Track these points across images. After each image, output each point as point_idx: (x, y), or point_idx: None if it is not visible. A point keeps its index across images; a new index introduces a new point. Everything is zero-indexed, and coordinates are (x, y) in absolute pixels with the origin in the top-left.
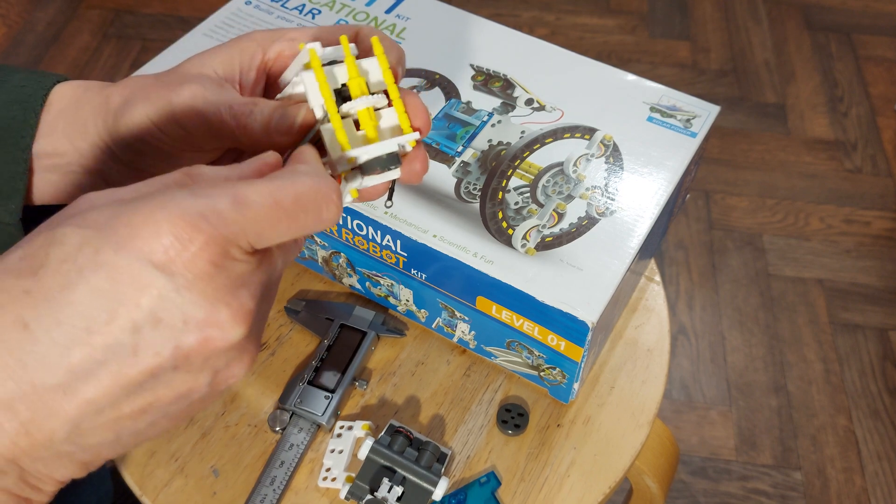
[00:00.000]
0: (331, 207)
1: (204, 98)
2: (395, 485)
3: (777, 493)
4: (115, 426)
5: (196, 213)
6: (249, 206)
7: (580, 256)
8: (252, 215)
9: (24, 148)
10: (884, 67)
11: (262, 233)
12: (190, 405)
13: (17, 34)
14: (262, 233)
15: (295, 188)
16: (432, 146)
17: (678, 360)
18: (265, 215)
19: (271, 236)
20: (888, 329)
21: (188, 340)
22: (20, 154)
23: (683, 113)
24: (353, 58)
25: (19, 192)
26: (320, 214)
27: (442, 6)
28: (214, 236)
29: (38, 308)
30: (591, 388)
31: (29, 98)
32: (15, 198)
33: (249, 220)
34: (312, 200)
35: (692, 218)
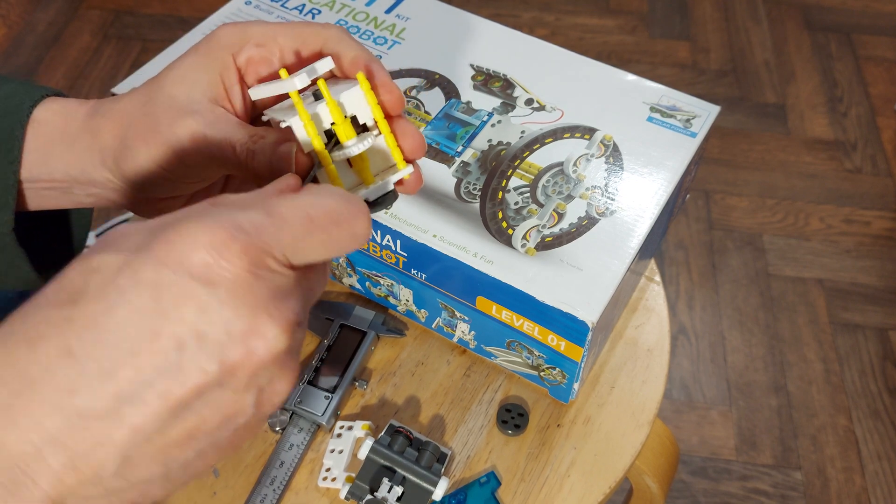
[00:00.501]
0: (362, 223)
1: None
2: (395, 485)
3: (777, 493)
4: (164, 456)
5: (231, 224)
6: (283, 219)
7: (580, 256)
8: (287, 227)
9: (12, 161)
10: (884, 67)
11: (298, 246)
12: (236, 431)
13: (18, 35)
14: (297, 246)
15: (325, 204)
16: (432, 146)
17: (678, 360)
18: (299, 228)
19: (306, 251)
20: (888, 329)
21: (232, 353)
22: (8, 167)
23: (683, 113)
24: (333, 101)
25: (9, 205)
26: (353, 229)
27: (442, 6)
28: (251, 245)
29: (82, 334)
30: (591, 388)
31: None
32: (5, 210)
33: (285, 232)
34: (344, 216)
35: (692, 218)
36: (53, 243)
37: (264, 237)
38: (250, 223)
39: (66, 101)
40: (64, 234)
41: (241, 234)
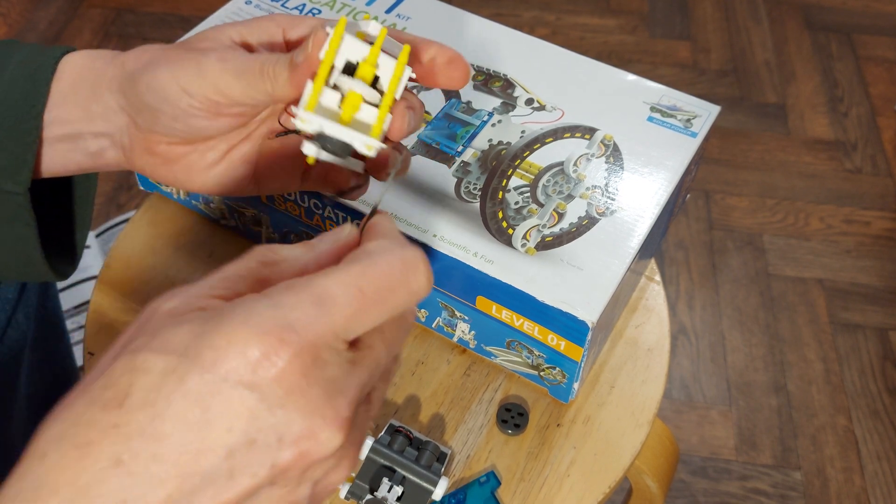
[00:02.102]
0: (419, 278)
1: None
2: (395, 484)
3: (777, 493)
4: None
5: (281, 326)
6: (335, 304)
7: (580, 256)
8: (338, 313)
9: (35, 116)
10: (884, 67)
11: (351, 326)
12: None
13: (19, 33)
14: (350, 326)
15: (377, 270)
16: (432, 146)
17: (678, 360)
18: (352, 309)
19: (362, 327)
20: (888, 329)
21: (284, 457)
22: (32, 123)
23: (684, 113)
24: (379, 49)
25: (28, 163)
26: (409, 287)
27: (442, 6)
28: (303, 346)
29: (131, 443)
30: (591, 387)
31: (39, 69)
32: (24, 169)
33: (337, 320)
34: (399, 278)
35: (692, 218)
36: (56, 233)
37: (317, 331)
38: (300, 319)
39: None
40: (68, 228)
41: (293, 337)
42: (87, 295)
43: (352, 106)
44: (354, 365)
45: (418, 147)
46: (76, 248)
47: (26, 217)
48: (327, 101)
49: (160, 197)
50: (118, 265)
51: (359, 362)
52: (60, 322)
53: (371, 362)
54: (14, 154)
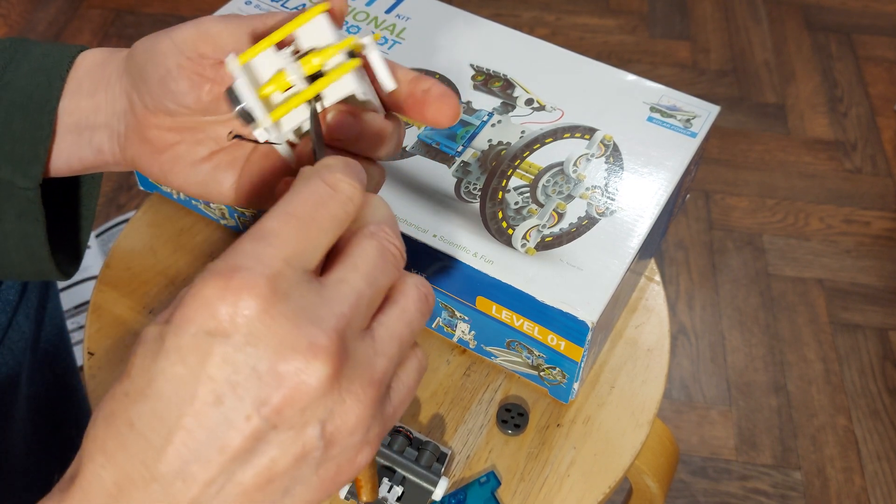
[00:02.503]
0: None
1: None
2: (395, 485)
3: (777, 493)
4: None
5: (228, 269)
6: (270, 233)
7: (580, 256)
8: (276, 240)
9: (49, 112)
10: (884, 67)
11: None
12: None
13: (18, 34)
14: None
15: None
16: (432, 146)
17: (678, 360)
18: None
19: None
20: (888, 329)
21: (269, 394)
22: (45, 118)
23: (683, 113)
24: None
25: (41, 158)
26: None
27: (442, 6)
28: (254, 281)
29: (137, 407)
30: (591, 387)
31: (54, 65)
32: (36, 164)
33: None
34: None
35: (692, 218)
36: (61, 233)
37: (263, 263)
38: (242, 258)
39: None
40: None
41: (240, 274)
42: (87, 295)
43: (275, 82)
44: (324, 296)
45: (418, 147)
46: (80, 247)
47: (36, 213)
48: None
49: (160, 197)
50: (118, 265)
51: (329, 293)
52: (61, 322)
53: (348, 293)
54: (27, 149)
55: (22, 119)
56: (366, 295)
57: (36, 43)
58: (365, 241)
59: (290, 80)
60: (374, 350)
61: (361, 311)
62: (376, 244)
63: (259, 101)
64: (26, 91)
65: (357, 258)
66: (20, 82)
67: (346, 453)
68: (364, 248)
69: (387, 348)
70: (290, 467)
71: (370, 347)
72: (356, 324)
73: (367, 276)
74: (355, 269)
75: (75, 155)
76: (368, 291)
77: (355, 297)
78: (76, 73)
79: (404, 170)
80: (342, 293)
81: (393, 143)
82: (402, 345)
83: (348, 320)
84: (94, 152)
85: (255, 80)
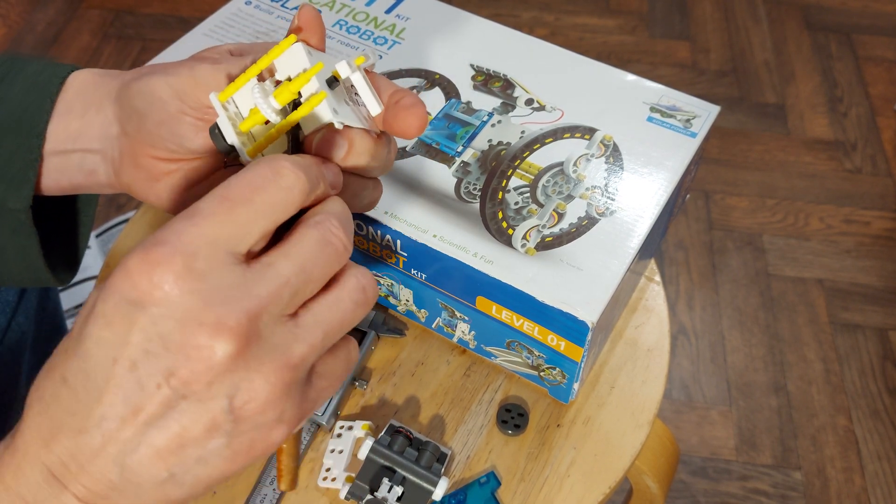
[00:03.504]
0: (285, 174)
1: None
2: (395, 485)
3: (777, 493)
4: (162, 463)
5: (152, 242)
6: (200, 213)
7: (580, 256)
8: (205, 221)
9: (37, 135)
10: (884, 67)
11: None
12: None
13: (17, 35)
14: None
15: (241, 177)
16: (432, 146)
17: (678, 360)
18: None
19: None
20: (888, 329)
21: (176, 365)
22: (34, 141)
23: (683, 113)
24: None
25: (30, 181)
26: (278, 183)
27: (442, 6)
28: (172, 258)
29: (70, 363)
30: (591, 388)
31: (45, 86)
32: (26, 186)
33: (207, 225)
34: (264, 176)
35: (692, 218)
36: (58, 240)
37: (186, 241)
38: (171, 232)
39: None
40: (70, 236)
41: (162, 249)
42: (86, 295)
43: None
44: (246, 278)
45: (418, 147)
46: (78, 254)
47: (28, 231)
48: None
49: None
50: None
51: (252, 276)
52: (61, 322)
53: (271, 279)
54: (16, 172)
55: (12, 140)
56: (292, 282)
57: (28, 60)
58: (306, 230)
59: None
60: (293, 335)
61: (284, 297)
62: (317, 234)
63: (240, 136)
64: (17, 111)
65: (292, 245)
66: (12, 101)
67: (258, 430)
68: (303, 235)
69: (310, 335)
70: (202, 437)
71: (290, 332)
72: (276, 308)
73: (298, 263)
74: (287, 255)
75: (64, 177)
76: (296, 279)
77: (278, 283)
78: (66, 94)
79: (404, 170)
80: (265, 277)
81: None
82: (328, 334)
83: (265, 304)
84: (86, 174)
85: (238, 114)
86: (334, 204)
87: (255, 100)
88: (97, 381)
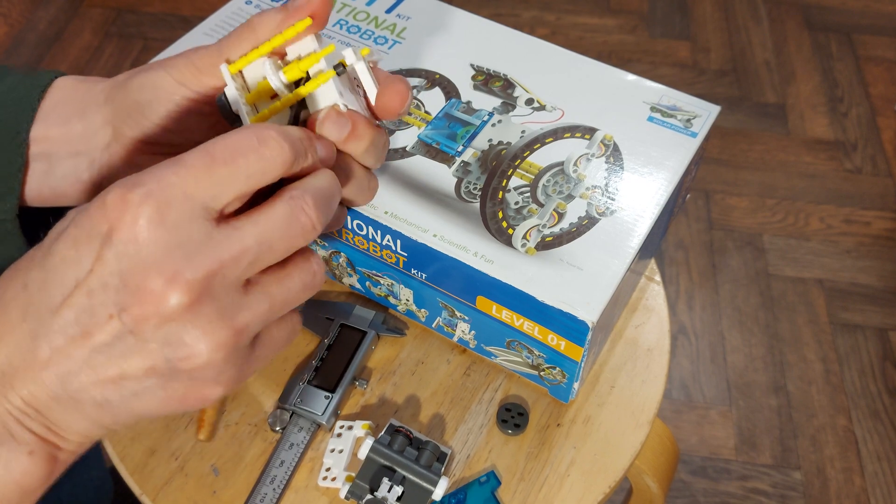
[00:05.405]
0: (270, 144)
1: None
2: (395, 484)
3: (777, 493)
4: (100, 389)
5: (133, 182)
6: (182, 163)
7: (580, 256)
8: (185, 171)
9: (20, 144)
10: (884, 67)
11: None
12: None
13: (19, 33)
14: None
15: (227, 139)
16: (432, 146)
17: (678, 360)
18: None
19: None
20: (888, 329)
21: (128, 302)
22: (17, 150)
23: (684, 113)
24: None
25: (15, 191)
26: (260, 153)
27: (442, 6)
28: (147, 199)
29: (33, 272)
30: (591, 387)
31: (26, 96)
32: (10, 196)
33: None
34: (249, 143)
35: (692, 218)
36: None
37: (164, 187)
38: (153, 177)
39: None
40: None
41: (139, 190)
42: None
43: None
44: (211, 237)
45: (418, 147)
46: None
47: (17, 241)
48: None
49: None
50: None
51: (218, 236)
52: None
53: (235, 242)
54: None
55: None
56: (252, 250)
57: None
58: (279, 203)
59: (274, 87)
60: (242, 302)
61: (242, 263)
62: (287, 209)
63: (247, 106)
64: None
65: (262, 215)
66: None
67: (194, 383)
68: (275, 208)
69: (256, 304)
70: (140, 374)
71: (240, 298)
72: (232, 272)
73: (263, 234)
74: (255, 223)
75: (45, 183)
76: (257, 248)
77: (239, 249)
78: (46, 102)
79: (404, 170)
80: (230, 240)
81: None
82: (273, 307)
83: (223, 266)
84: (70, 181)
85: (246, 87)
86: (319, 179)
87: (266, 71)
88: (54, 295)
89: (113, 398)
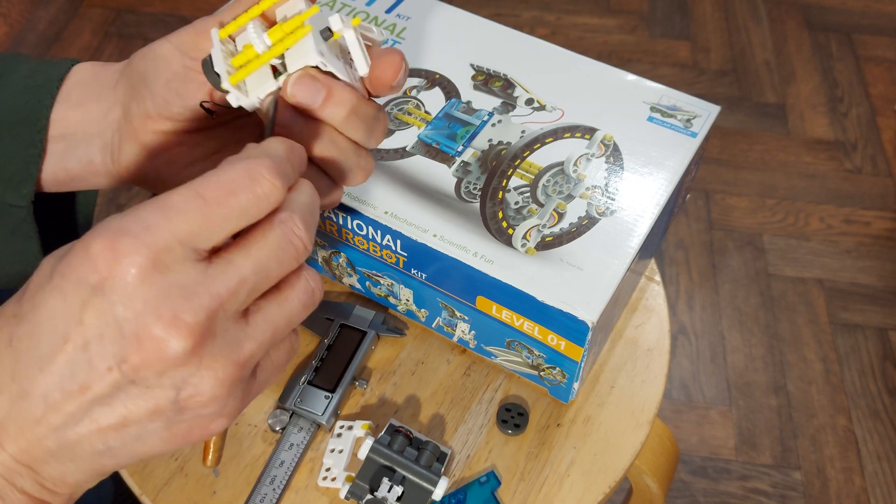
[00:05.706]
0: (262, 182)
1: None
2: (395, 484)
3: (777, 493)
4: (101, 438)
5: (119, 230)
6: (172, 208)
7: (580, 256)
8: (177, 216)
9: (39, 130)
10: (884, 67)
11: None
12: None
13: (19, 33)
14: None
15: (218, 176)
16: (432, 146)
17: (678, 360)
18: (191, 212)
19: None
20: (888, 329)
21: (129, 352)
22: (36, 136)
23: (684, 113)
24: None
25: (32, 176)
26: (254, 191)
27: (442, 6)
28: (138, 248)
29: (18, 328)
30: (591, 387)
31: (45, 83)
32: (28, 182)
33: (178, 222)
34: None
35: (692, 218)
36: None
37: (154, 234)
38: (136, 225)
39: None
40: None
41: (129, 239)
42: None
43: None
44: (207, 275)
45: (418, 147)
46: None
47: (28, 230)
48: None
49: None
50: None
51: (213, 273)
52: None
53: (231, 276)
54: (18, 167)
55: (12, 137)
56: (250, 281)
57: (27, 59)
58: (269, 229)
59: (258, 49)
60: (245, 333)
61: (240, 296)
62: (279, 234)
63: (230, 67)
64: (15, 108)
65: (254, 244)
66: (9, 100)
67: (199, 420)
68: (266, 235)
69: (259, 334)
70: (144, 419)
71: (241, 330)
72: (231, 306)
73: (258, 263)
74: (247, 255)
75: (60, 165)
76: (254, 278)
77: (237, 281)
78: (65, 87)
79: (404, 170)
80: (225, 275)
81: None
82: (276, 332)
83: (222, 302)
84: (84, 164)
85: (235, 52)
86: (302, 195)
87: (248, 34)
88: (44, 351)
89: (114, 445)
